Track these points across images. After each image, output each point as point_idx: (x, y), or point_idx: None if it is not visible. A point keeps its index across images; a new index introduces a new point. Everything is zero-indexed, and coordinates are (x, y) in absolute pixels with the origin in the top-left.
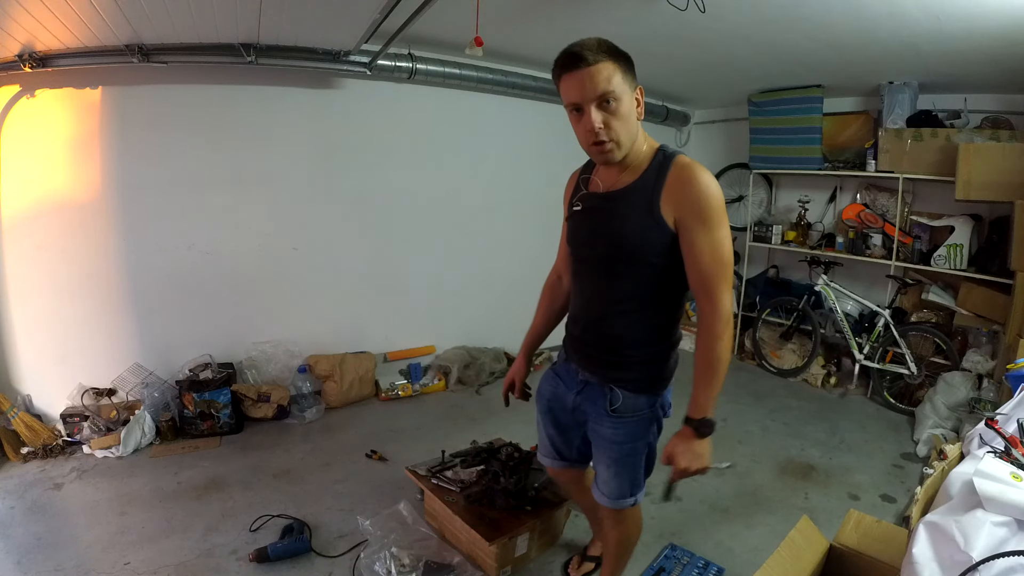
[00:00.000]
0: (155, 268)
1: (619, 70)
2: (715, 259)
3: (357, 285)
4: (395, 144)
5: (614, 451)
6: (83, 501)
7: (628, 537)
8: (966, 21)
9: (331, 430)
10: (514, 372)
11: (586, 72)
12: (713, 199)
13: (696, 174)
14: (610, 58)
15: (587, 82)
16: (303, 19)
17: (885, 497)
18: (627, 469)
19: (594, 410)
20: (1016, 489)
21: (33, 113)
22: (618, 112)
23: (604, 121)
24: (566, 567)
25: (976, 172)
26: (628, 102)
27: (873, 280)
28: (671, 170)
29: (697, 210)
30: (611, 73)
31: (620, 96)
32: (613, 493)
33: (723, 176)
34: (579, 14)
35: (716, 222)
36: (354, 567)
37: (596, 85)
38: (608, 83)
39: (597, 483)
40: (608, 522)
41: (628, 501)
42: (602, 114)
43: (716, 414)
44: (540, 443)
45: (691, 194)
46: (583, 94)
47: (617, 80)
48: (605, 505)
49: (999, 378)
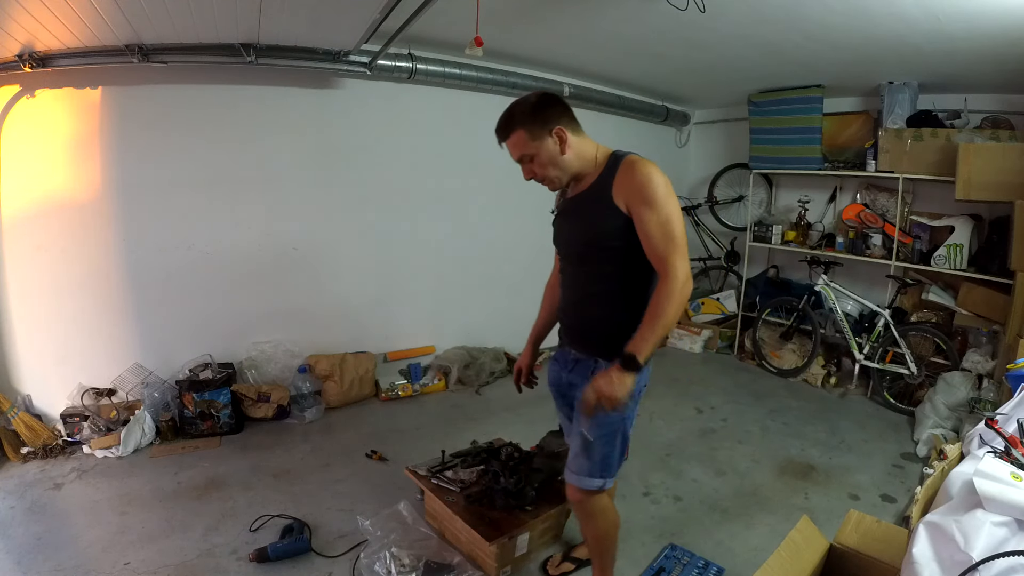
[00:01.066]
0: (155, 268)
1: (527, 132)
2: (664, 234)
3: (357, 285)
4: (395, 144)
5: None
6: (83, 501)
7: (604, 533)
8: (966, 21)
9: (331, 430)
10: (521, 362)
11: (506, 144)
12: (655, 184)
13: (640, 166)
14: (516, 127)
15: (509, 150)
16: (303, 19)
17: (885, 497)
18: (601, 442)
19: (582, 382)
20: (1016, 489)
21: (33, 113)
22: (538, 161)
23: (530, 171)
24: (545, 565)
25: (976, 172)
26: (546, 150)
27: (873, 280)
28: (620, 167)
29: (643, 195)
30: (519, 140)
31: (534, 152)
32: (582, 469)
33: (723, 176)
34: (579, 14)
35: (661, 203)
36: (354, 567)
37: (513, 153)
38: (521, 149)
39: (568, 462)
40: (578, 515)
41: (596, 482)
42: (528, 167)
43: (715, 413)
44: (563, 425)
45: (636, 182)
46: (512, 156)
47: (526, 141)
48: (571, 483)
49: (999, 378)
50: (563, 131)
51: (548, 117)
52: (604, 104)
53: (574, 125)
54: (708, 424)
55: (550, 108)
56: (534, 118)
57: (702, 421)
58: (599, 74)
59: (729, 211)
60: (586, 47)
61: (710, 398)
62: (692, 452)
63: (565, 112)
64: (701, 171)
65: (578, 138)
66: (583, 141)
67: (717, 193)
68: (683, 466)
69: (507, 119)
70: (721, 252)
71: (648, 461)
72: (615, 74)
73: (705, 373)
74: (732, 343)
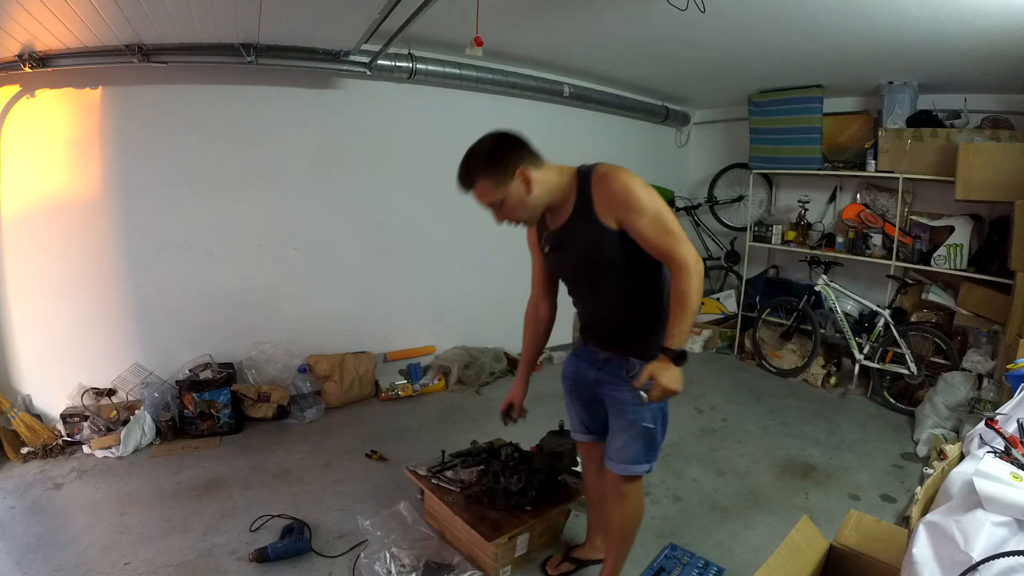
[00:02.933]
0: (155, 268)
1: (490, 179)
2: (661, 231)
3: (357, 285)
4: (395, 144)
5: (633, 414)
6: (83, 501)
7: (631, 518)
8: (966, 21)
9: (331, 430)
10: (514, 394)
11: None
12: (634, 189)
13: (612, 177)
14: (479, 175)
15: (476, 198)
16: (303, 19)
17: (885, 497)
18: (644, 432)
19: (614, 379)
20: (1016, 489)
21: (33, 113)
22: (506, 206)
23: (502, 216)
24: (545, 565)
25: (976, 172)
26: (512, 194)
27: (873, 280)
28: (592, 186)
29: (627, 203)
30: (484, 189)
31: (501, 199)
32: (628, 458)
33: (723, 176)
34: (579, 14)
35: (646, 204)
36: (354, 567)
37: (480, 200)
38: (487, 198)
39: (611, 454)
40: (613, 499)
41: (642, 467)
42: (498, 213)
43: (715, 413)
44: (570, 421)
45: (616, 194)
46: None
47: (491, 189)
48: (619, 472)
49: (999, 378)
50: (526, 170)
51: (508, 160)
52: (604, 104)
53: (535, 159)
54: (708, 424)
55: (508, 151)
56: (494, 165)
57: (702, 421)
58: (599, 74)
59: (729, 211)
60: (586, 47)
61: (710, 398)
62: (692, 452)
63: (523, 149)
64: (701, 171)
65: (542, 171)
66: (547, 172)
67: (717, 193)
68: (683, 466)
69: (466, 171)
70: (721, 252)
71: None
72: (615, 74)
73: (705, 373)
74: (732, 343)
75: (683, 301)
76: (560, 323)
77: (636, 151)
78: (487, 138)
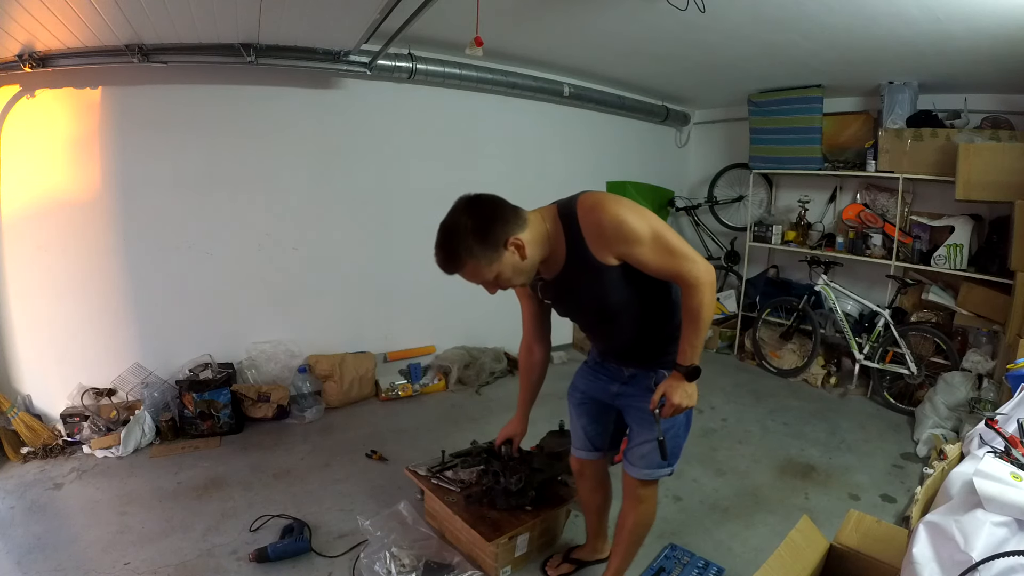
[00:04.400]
0: (155, 268)
1: (476, 258)
2: (663, 255)
3: (357, 285)
4: (395, 144)
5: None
6: (83, 501)
7: (644, 522)
8: (966, 21)
9: (331, 430)
10: (514, 431)
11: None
12: (626, 220)
13: (598, 212)
14: (464, 258)
15: (464, 278)
16: (303, 19)
17: (885, 497)
18: (670, 439)
19: (639, 391)
20: (1016, 489)
21: (33, 113)
22: (501, 279)
23: (497, 288)
24: (544, 565)
25: (976, 172)
26: (505, 268)
27: (873, 280)
28: (580, 224)
29: (623, 238)
30: (474, 270)
31: (492, 275)
32: (652, 464)
33: (723, 176)
34: (579, 14)
35: (641, 232)
36: (354, 567)
37: (471, 280)
38: (478, 277)
39: (632, 461)
40: (629, 502)
41: (664, 471)
42: (490, 287)
43: (715, 413)
44: (573, 436)
45: (607, 231)
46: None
47: (482, 268)
48: (641, 478)
49: (999, 378)
50: (519, 240)
51: (495, 234)
52: (604, 104)
53: (518, 220)
54: (708, 424)
55: (494, 223)
56: (484, 243)
57: (702, 421)
58: (599, 74)
59: (729, 211)
60: (586, 47)
61: (710, 398)
62: (692, 452)
63: (507, 214)
64: (701, 171)
65: (528, 230)
66: (532, 227)
67: (717, 193)
68: (683, 466)
69: (449, 255)
70: (721, 252)
71: None
72: (615, 74)
73: (705, 373)
74: (732, 343)
75: (695, 317)
76: (561, 323)
77: (636, 151)
78: (462, 212)
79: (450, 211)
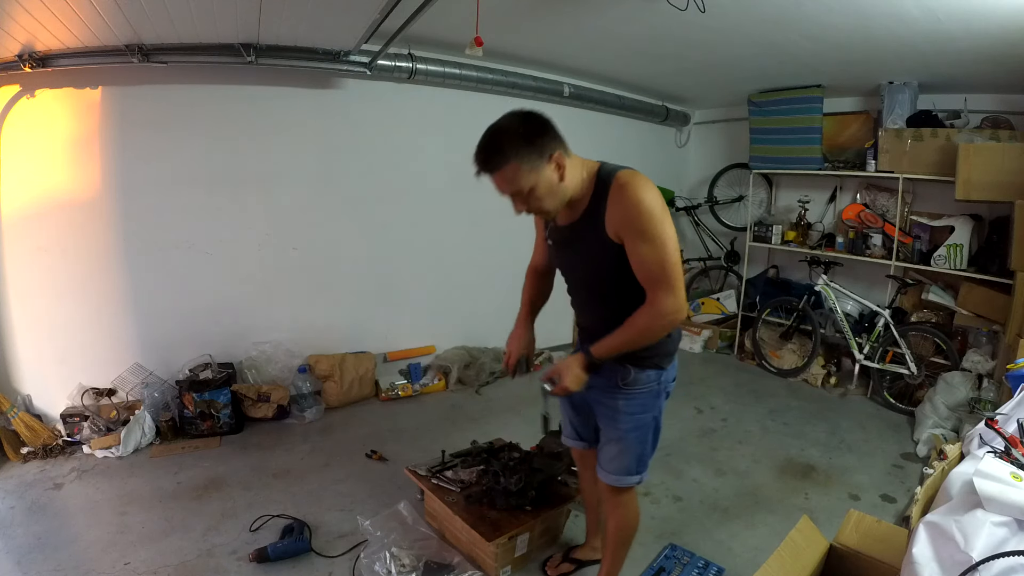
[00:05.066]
0: (155, 268)
1: (520, 162)
2: (659, 266)
3: (357, 285)
4: (395, 144)
5: (625, 423)
6: (83, 501)
7: (626, 525)
8: (966, 21)
9: (331, 430)
10: (522, 345)
11: (492, 177)
12: (648, 212)
13: (630, 191)
14: (508, 158)
15: (497, 183)
16: (303, 19)
17: (885, 497)
18: (636, 443)
19: (606, 385)
20: (1016, 489)
21: (33, 113)
22: (534, 195)
23: (525, 206)
24: (544, 565)
25: (976, 172)
26: (542, 181)
27: (873, 280)
28: (610, 194)
29: (636, 227)
30: (512, 174)
31: (529, 186)
32: (620, 470)
33: (723, 176)
34: (579, 14)
35: (654, 234)
36: (354, 567)
37: (504, 187)
38: (515, 184)
39: (602, 463)
40: (607, 506)
41: (633, 479)
42: (521, 201)
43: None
44: (563, 426)
45: (628, 212)
46: (500, 191)
47: (521, 174)
48: (609, 483)
49: (999, 378)
50: (562, 157)
51: (544, 143)
52: (604, 104)
53: (565, 147)
54: (708, 424)
55: (545, 133)
56: (530, 146)
57: (702, 421)
58: (599, 74)
59: (729, 211)
60: (586, 47)
61: (710, 398)
62: (692, 452)
63: (557, 133)
64: (701, 171)
65: (570, 163)
66: (572, 162)
67: (717, 193)
68: (683, 466)
69: (493, 150)
70: (721, 252)
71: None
72: (615, 74)
73: (705, 373)
74: (732, 343)
75: (632, 329)
76: (560, 322)
77: (636, 151)
78: (515, 116)
79: (501, 117)
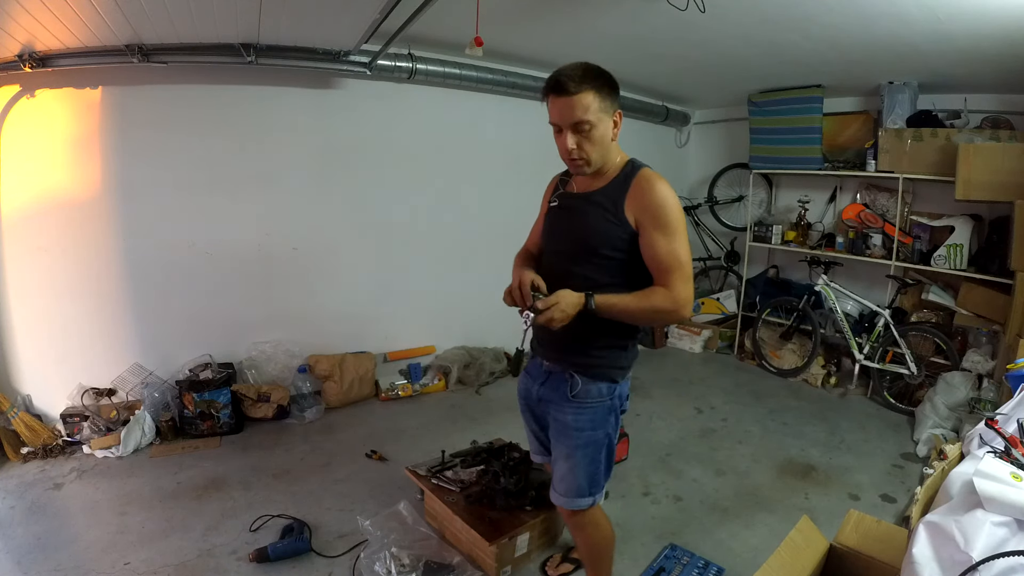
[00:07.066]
0: (155, 268)
1: (599, 98)
2: (672, 259)
3: (357, 285)
4: (395, 144)
5: (574, 438)
6: (83, 501)
7: (595, 544)
8: (966, 21)
9: (331, 430)
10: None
11: (567, 100)
12: (670, 209)
13: (656, 185)
14: (592, 87)
15: (566, 109)
16: (303, 19)
17: (885, 497)
18: (585, 461)
19: (556, 397)
20: (1016, 489)
21: (33, 113)
22: (591, 136)
23: (577, 143)
24: (544, 565)
25: (976, 172)
26: (603, 127)
27: (873, 280)
28: (636, 179)
29: (656, 216)
30: (590, 102)
31: (595, 123)
32: (570, 491)
33: (723, 176)
34: (579, 14)
35: (673, 228)
36: (354, 567)
37: (574, 113)
38: (585, 112)
39: (554, 484)
40: (570, 529)
41: (585, 501)
42: (576, 137)
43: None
44: (529, 441)
45: (652, 202)
46: (562, 119)
47: (595, 108)
48: (561, 506)
49: (999, 378)
50: (620, 118)
51: (615, 98)
52: None
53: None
54: (708, 424)
55: (617, 92)
56: (610, 89)
57: (702, 421)
58: None
59: (729, 211)
60: (586, 47)
61: (710, 398)
62: (692, 452)
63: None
64: (701, 171)
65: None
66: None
67: (717, 193)
68: (683, 466)
69: (586, 74)
70: (721, 252)
71: (648, 461)
72: (615, 74)
73: (705, 373)
74: (732, 343)
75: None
76: None
77: (636, 151)
78: (596, 65)
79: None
